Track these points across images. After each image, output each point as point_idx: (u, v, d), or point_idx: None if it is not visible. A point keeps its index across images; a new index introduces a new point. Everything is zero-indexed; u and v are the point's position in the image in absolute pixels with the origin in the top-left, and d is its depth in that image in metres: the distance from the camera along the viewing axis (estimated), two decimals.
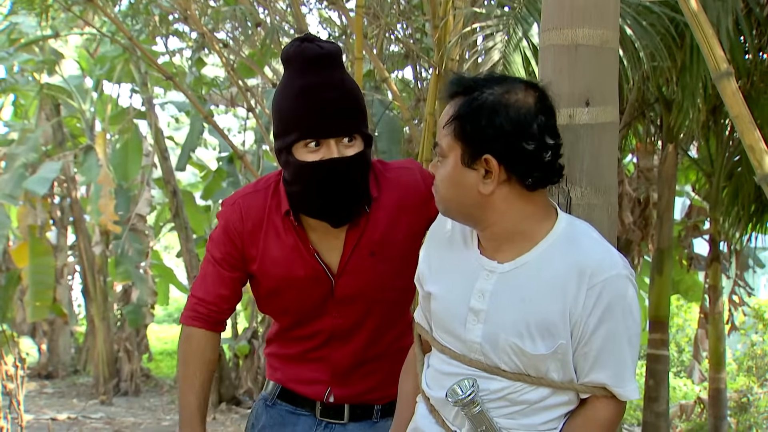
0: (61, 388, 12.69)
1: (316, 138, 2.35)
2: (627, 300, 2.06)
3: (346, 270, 2.51)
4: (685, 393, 11.30)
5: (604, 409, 2.10)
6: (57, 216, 13.04)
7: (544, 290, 2.06)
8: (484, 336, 2.10)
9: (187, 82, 9.98)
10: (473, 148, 2.05)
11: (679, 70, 5.78)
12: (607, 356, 2.06)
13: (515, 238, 2.11)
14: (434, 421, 2.21)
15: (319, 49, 2.37)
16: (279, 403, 2.66)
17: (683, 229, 8.58)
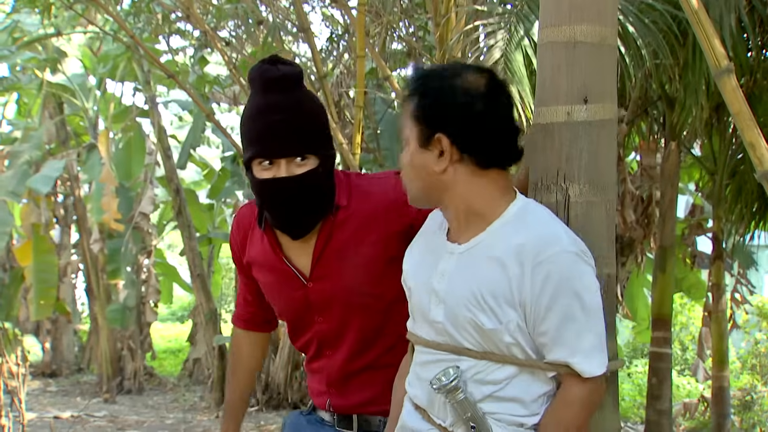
0: (65, 387, 12.70)
1: (267, 158, 2.47)
2: (576, 276, 2.10)
3: (317, 275, 2.60)
4: (689, 391, 11.28)
5: (574, 387, 2.13)
6: (60, 214, 13.06)
7: (493, 267, 2.13)
8: (445, 315, 2.18)
9: (190, 81, 9.98)
10: (427, 128, 2.16)
11: (681, 67, 5.77)
12: (563, 333, 2.09)
13: (474, 219, 2.20)
14: (420, 417, 2.26)
15: (278, 71, 2.47)
16: (312, 414, 2.77)
17: (686, 227, 8.56)
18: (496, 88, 2.20)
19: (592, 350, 2.12)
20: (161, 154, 11.17)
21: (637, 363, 12.09)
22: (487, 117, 2.15)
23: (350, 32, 7.70)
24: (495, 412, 2.14)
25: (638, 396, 10.39)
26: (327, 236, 2.58)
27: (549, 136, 2.40)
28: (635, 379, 11.36)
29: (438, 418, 2.21)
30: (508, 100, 2.22)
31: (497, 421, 2.14)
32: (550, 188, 2.37)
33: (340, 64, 8.48)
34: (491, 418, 2.14)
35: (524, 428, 2.15)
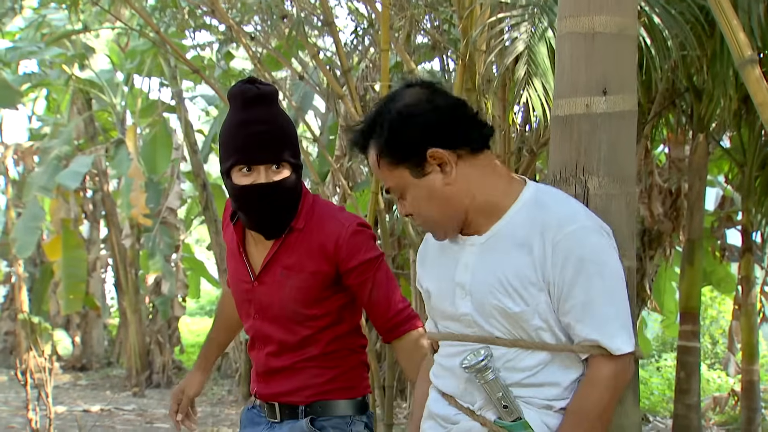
0: (95, 380, 12.81)
1: (247, 164, 2.69)
2: (596, 252, 2.13)
3: (263, 279, 2.84)
4: (719, 385, 11.18)
5: (602, 367, 2.14)
6: (89, 209, 13.16)
7: (514, 250, 2.15)
8: (473, 306, 2.20)
9: (216, 76, 10.01)
10: (414, 158, 2.17)
11: (709, 58, 5.71)
12: (588, 310, 2.11)
13: (489, 211, 2.21)
14: (446, 403, 2.28)
15: (256, 89, 2.73)
16: (254, 408, 2.98)
17: (716, 220, 8.47)
18: (432, 90, 2.22)
19: (618, 327, 2.13)
20: (188, 149, 11.20)
21: (666, 357, 12.01)
22: (447, 109, 2.18)
23: (374, 26, 7.67)
24: (525, 395, 2.16)
25: (667, 390, 10.32)
26: (277, 248, 2.81)
27: (568, 128, 2.38)
28: (664, 373, 11.29)
29: (466, 403, 2.22)
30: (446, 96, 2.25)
31: (526, 404, 2.16)
32: (568, 181, 2.36)
33: (365, 58, 8.46)
34: (521, 401, 2.16)
35: (553, 410, 2.17)
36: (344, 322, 2.83)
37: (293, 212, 2.80)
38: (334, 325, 2.81)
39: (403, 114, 2.16)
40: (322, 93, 8.35)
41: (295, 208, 2.80)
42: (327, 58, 8.56)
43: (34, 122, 14.38)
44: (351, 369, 2.85)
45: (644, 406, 10.21)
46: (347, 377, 2.84)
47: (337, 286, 2.79)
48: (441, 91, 2.23)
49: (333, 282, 2.78)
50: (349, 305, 2.84)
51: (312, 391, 2.81)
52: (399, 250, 9.01)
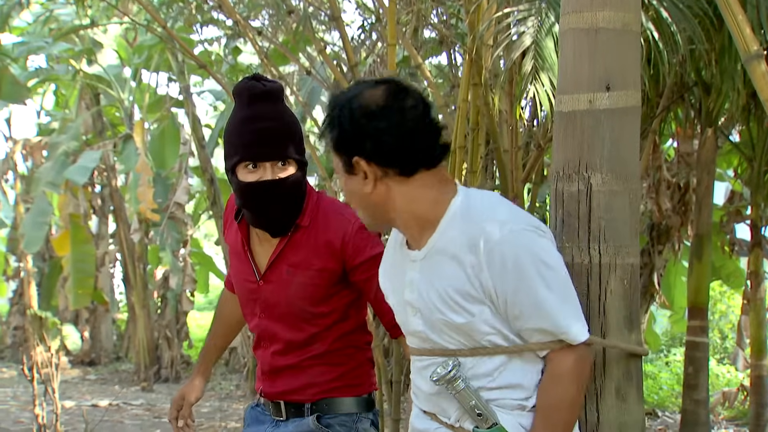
0: (104, 375, 12.84)
1: (254, 161, 2.70)
2: (530, 250, 2.11)
3: (268, 278, 2.84)
4: (729, 380, 11.15)
5: (563, 360, 2.15)
6: (98, 204, 13.18)
7: (450, 265, 2.15)
8: (423, 323, 2.22)
9: (223, 71, 10.00)
10: (344, 155, 2.20)
11: (717, 52, 5.67)
12: (536, 310, 2.11)
13: (423, 225, 2.21)
14: (428, 418, 2.30)
15: (262, 86, 2.73)
16: (258, 407, 2.99)
17: (725, 215, 8.43)
18: (395, 96, 2.18)
19: (570, 317, 2.13)
20: (195, 144, 11.21)
21: (675, 352, 11.97)
22: (392, 128, 2.14)
23: (382, 21, 7.65)
24: (495, 398, 2.17)
25: (676, 385, 10.29)
26: (283, 246, 2.80)
27: (570, 124, 2.37)
28: (673, 368, 11.25)
29: (443, 417, 2.24)
30: (415, 102, 2.19)
31: (499, 408, 2.17)
32: (571, 177, 2.34)
33: (373, 52, 8.44)
34: (493, 405, 2.16)
35: (526, 410, 2.18)
36: (350, 319, 2.83)
37: (299, 209, 2.79)
38: (341, 322, 2.81)
39: (347, 114, 2.17)
40: (329, 88, 8.33)
41: (300, 206, 2.79)
42: (334, 53, 8.55)
43: (42, 117, 14.42)
44: (357, 366, 2.85)
45: (653, 400, 10.19)
46: (353, 374, 2.84)
47: (343, 283, 2.78)
48: (400, 104, 2.17)
49: (339, 279, 2.77)
50: (355, 302, 2.84)
51: (318, 389, 2.81)
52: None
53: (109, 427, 8.53)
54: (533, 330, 2.12)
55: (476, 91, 5.74)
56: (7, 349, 14.03)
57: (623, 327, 2.32)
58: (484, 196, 2.24)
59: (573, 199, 2.32)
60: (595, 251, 2.31)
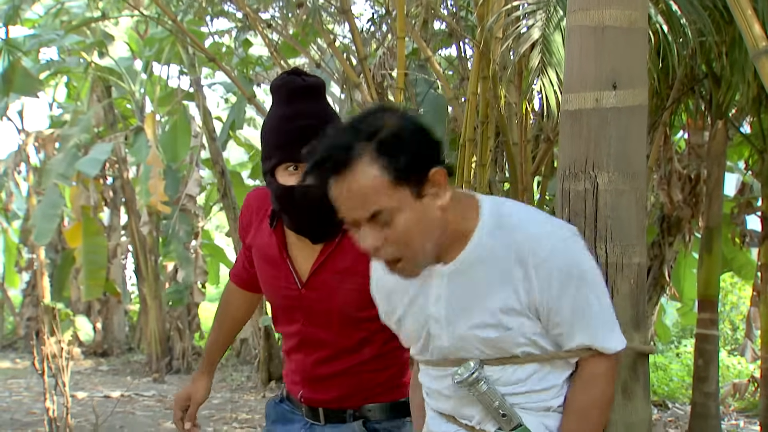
0: (116, 366, 12.91)
1: (295, 162, 2.50)
2: (576, 260, 2.08)
3: (312, 285, 2.66)
4: (739, 371, 11.13)
5: (595, 366, 2.12)
6: (109, 196, 13.23)
7: (493, 278, 2.07)
8: (450, 339, 2.14)
9: (233, 63, 10.01)
10: (417, 175, 1.98)
11: (728, 45, 5.66)
12: (580, 319, 2.08)
13: (456, 238, 2.09)
14: (444, 420, 2.24)
15: (302, 81, 2.57)
16: (283, 403, 2.87)
17: (736, 206, 8.41)
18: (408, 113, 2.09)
19: (609, 327, 2.12)
20: (206, 137, 11.24)
21: (685, 343, 11.97)
22: (429, 129, 2.05)
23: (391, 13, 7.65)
24: (520, 402, 2.14)
25: (686, 377, 10.28)
26: (329, 252, 2.63)
27: (577, 123, 2.37)
28: (684, 360, 11.25)
29: (465, 419, 2.20)
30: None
31: (524, 409, 2.13)
32: (578, 176, 2.34)
33: (383, 45, 8.44)
34: (518, 407, 2.13)
35: (551, 410, 2.15)
36: None
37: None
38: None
39: (409, 129, 1.99)
40: (338, 80, 8.34)
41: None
42: (343, 45, 8.55)
43: (54, 109, 14.48)
44: (401, 367, 2.74)
45: (663, 392, 10.20)
46: (397, 376, 2.73)
47: None
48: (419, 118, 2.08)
49: None
50: None
51: (364, 395, 2.69)
52: None
53: (120, 418, 8.57)
54: (572, 339, 2.10)
55: (485, 83, 5.75)
56: (21, 340, 14.13)
57: (630, 326, 2.31)
58: (512, 207, 2.15)
59: (579, 198, 2.31)
60: (601, 251, 2.30)
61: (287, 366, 2.85)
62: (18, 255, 14.10)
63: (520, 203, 2.22)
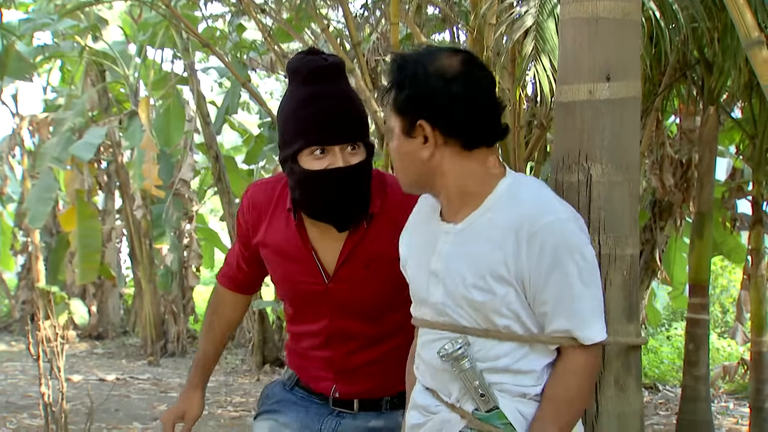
0: (111, 349, 12.94)
1: (322, 145, 2.41)
2: (571, 242, 2.13)
3: (340, 276, 2.56)
4: (729, 353, 11.21)
5: (575, 357, 2.16)
6: (104, 180, 13.22)
7: (488, 243, 2.16)
8: (444, 294, 2.22)
9: (227, 48, 10.00)
10: (409, 116, 2.17)
11: (720, 31, 5.69)
12: (563, 302, 2.12)
13: (466, 199, 2.21)
14: (429, 394, 2.29)
15: (324, 61, 2.46)
16: (296, 389, 2.76)
17: (726, 191, 8.47)
18: (471, 68, 2.19)
19: (592, 317, 2.15)
20: (200, 121, 11.23)
21: (676, 326, 12.04)
22: (465, 98, 2.14)
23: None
24: (499, 382, 2.18)
25: (677, 359, 10.36)
26: (358, 240, 2.54)
27: (570, 114, 2.40)
28: (674, 342, 11.32)
29: (444, 395, 2.25)
30: (487, 79, 2.21)
31: (501, 392, 2.18)
32: (571, 168, 2.37)
33: (376, 30, 8.45)
34: (495, 389, 2.18)
35: (527, 398, 2.19)
36: None
37: (367, 200, 2.52)
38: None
39: (423, 76, 2.15)
40: None
41: (368, 195, 2.52)
42: (336, 30, 8.55)
43: (48, 93, 14.45)
44: None
45: (654, 374, 10.27)
46: None
47: None
48: (474, 77, 2.17)
49: None
50: None
51: (398, 380, 2.52)
52: None
53: (116, 401, 8.61)
54: (554, 322, 2.14)
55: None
56: (16, 323, 14.14)
57: (623, 318, 2.35)
58: (532, 183, 2.26)
59: (573, 189, 2.35)
60: (594, 242, 2.32)
61: (306, 362, 2.73)
62: (13, 238, 14.09)
63: (541, 183, 2.27)
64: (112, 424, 7.78)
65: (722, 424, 8.35)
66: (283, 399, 2.76)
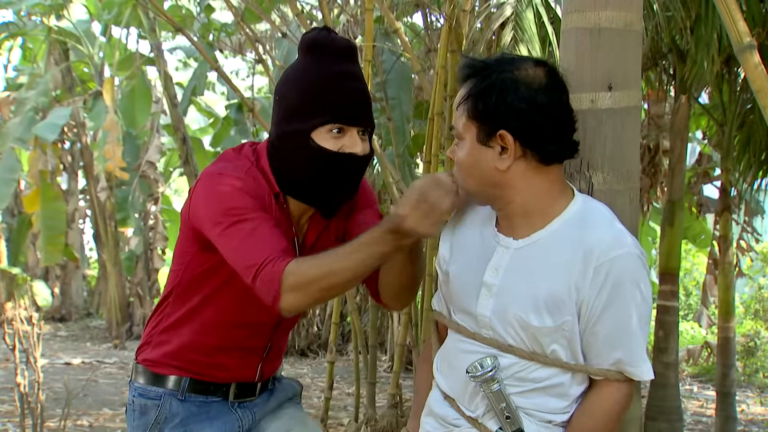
0: (75, 332, 12.85)
1: (346, 124, 2.35)
2: (636, 278, 2.08)
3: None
4: (693, 336, 11.38)
5: (615, 392, 2.13)
6: (68, 161, 13.08)
7: (553, 267, 2.10)
8: (494, 310, 2.15)
9: (195, 29, 9.90)
10: (488, 125, 2.09)
11: (693, 20, 5.73)
12: (618, 336, 2.09)
13: (531, 216, 2.14)
14: (448, 405, 2.26)
15: (345, 41, 2.40)
16: (190, 396, 2.58)
17: (693, 176, 8.56)
18: (555, 81, 2.14)
19: (643, 354, 2.13)
20: (168, 103, 11.12)
21: None
22: (549, 110, 2.09)
23: None
24: (527, 407, 2.15)
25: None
26: (325, 224, 2.52)
27: None
28: None
29: (467, 410, 2.20)
30: (566, 92, 2.16)
31: (527, 416, 2.14)
32: (573, 176, 2.38)
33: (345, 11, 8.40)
34: (522, 412, 2.14)
35: (552, 425, 2.16)
36: None
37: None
38: None
39: (509, 85, 2.08)
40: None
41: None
42: (307, 13, 8.49)
43: (9, 72, 14.23)
44: None
45: None
46: None
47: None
48: (558, 89, 2.13)
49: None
50: None
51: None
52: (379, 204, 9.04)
53: (82, 386, 8.54)
54: (605, 354, 2.11)
55: (454, 57, 5.74)
56: None
57: None
58: (603, 209, 2.19)
59: None
60: None
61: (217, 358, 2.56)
62: None
63: (608, 210, 2.20)
64: (82, 410, 7.72)
65: (687, 408, 8.48)
66: (186, 416, 2.58)
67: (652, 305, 2.15)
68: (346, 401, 8.39)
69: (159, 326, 2.62)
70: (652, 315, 8.01)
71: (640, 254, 2.11)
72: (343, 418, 7.38)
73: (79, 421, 7.29)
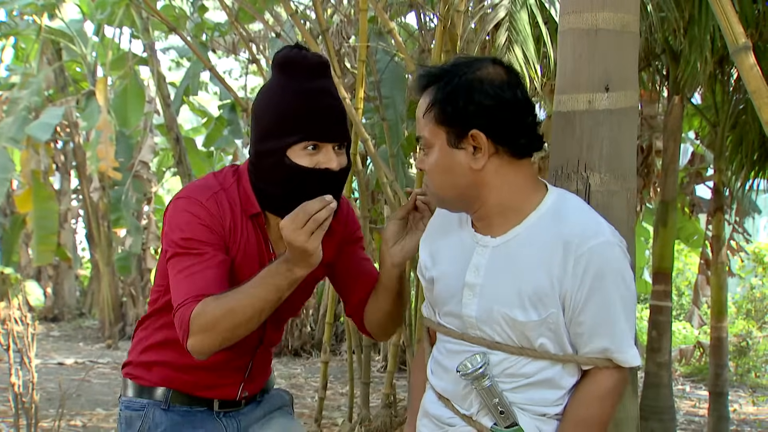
0: (68, 332, 12.82)
1: (321, 141, 2.37)
2: (616, 266, 2.12)
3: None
4: (685, 336, 11.40)
5: (606, 379, 2.15)
6: (60, 161, 13.06)
7: (534, 261, 2.12)
8: (479, 309, 2.17)
9: (188, 28, 9.88)
10: (458, 127, 2.12)
11: (687, 21, 5.74)
12: (603, 324, 2.11)
13: (507, 213, 2.17)
14: (442, 405, 2.28)
15: (318, 57, 2.42)
16: (174, 406, 2.60)
17: (686, 176, 8.58)
18: (515, 77, 2.17)
19: (629, 341, 2.14)
20: (161, 103, 11.10)
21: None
22: (515, 105, 2.12)
23: None
24: (520, 402, 2.16)
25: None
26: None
27: (570, 124, 2.41)
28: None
29: (462, 408, 2.22)
30: (525, 87, 2.19)
31: (521, 410, 2.16)
32: (570, 177, 2.39)
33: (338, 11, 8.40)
34: (516, 407, 2.15)
35: (546, 417, 2.17)
36: None
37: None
38: None
39: (472, 85, 2.10)
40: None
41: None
42: (302, 13, 8.49)
43: (2, 71, 14.19)
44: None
45: None
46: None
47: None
48: (518, 85, 2.15)
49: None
50: None
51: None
52: (373, 204, 9.06)
53: (75, 386, 8.53)
54: (592, 343, 2.13)
55: (448, 58, 5.76)
56: None
57: None
58: (578, 201, 2.22)
59: None
60: None
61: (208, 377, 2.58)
62: None
63: (583, 202, 2.24)
64: (75, 410, 7.71)
65: (680, 407, 8.50)
66: (169, 425, 2.59)
67: (638, 296, 2.17)
68: (339, 401, 8.39)
69: (140, 344, 2.67)
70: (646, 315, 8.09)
71: (619, 242, 2.14)
72: (337, 418, 7.38)
73: (72, 421, 7.28)
